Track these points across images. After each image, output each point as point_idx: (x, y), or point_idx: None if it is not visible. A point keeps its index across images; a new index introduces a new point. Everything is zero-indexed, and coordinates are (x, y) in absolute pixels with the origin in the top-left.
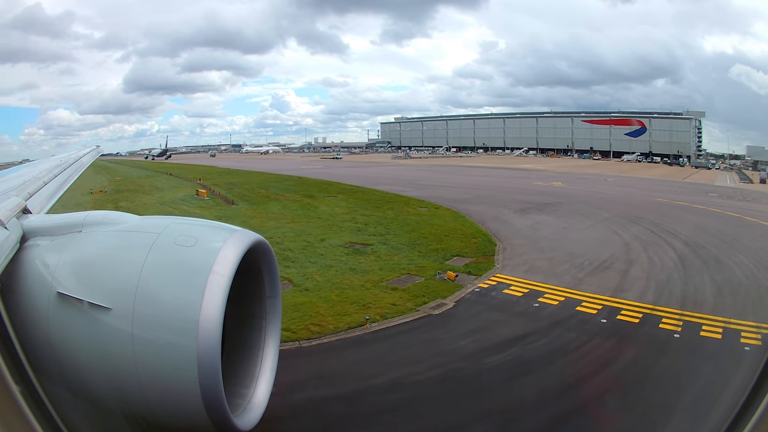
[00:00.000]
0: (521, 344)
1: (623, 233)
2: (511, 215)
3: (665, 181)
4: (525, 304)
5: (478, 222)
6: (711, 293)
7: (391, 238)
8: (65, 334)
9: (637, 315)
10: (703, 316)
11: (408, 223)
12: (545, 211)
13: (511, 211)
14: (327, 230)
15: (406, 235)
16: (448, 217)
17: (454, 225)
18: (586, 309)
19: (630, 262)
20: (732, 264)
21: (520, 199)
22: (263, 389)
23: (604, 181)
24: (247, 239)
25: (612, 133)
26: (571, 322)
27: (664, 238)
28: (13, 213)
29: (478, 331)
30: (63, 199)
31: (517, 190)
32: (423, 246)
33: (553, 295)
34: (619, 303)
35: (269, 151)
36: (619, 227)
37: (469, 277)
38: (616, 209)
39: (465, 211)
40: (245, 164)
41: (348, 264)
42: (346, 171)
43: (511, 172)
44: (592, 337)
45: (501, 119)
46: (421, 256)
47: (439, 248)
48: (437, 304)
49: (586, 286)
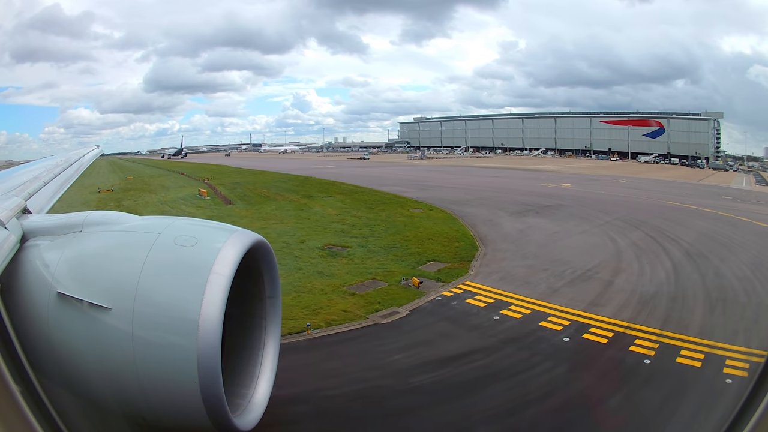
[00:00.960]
0: (458, 363)
1: (620, 239)
2: (505, 218)
3: (679, 183)
4: (484, 316)
5: (469, 225)
6: (701, 311)
7: (372, 241)
8: (65, 334)
9: (608, 334)
10: (686, 339)
11: (395, 225)
12: (543, 214)
13: (508, 213)
14: (311, 231)
15: (389, 237)
16: (439, 220)
17: (443, 228)
18: (550, 324)
19: (617, 272)
20: (733, 277)
21: (522, 201)
22: (263, 389)
23: (616, 182)
24: (247, 239)
25: (630, 133)
26: (528, 339)
27: (662, 245)
28: (13, 213)
29: (419, 345)
30: (69, 197)
31: (522, 191)
32: (401, 249)
33: (519, 307)
34: (592, 319)
35: (288, 150)
36: (617, 232)
37: (436, 284)
38: (620, 212)
39: (460, 213)
40: (259, 163)
41: (317, 267)
42: (355, 171)
43: (522, 173)
44: (545, 359)
45: (519, 119)
46: (395, 260)
47: (417, 252)
48: (390, 313)
49: (560, 297)
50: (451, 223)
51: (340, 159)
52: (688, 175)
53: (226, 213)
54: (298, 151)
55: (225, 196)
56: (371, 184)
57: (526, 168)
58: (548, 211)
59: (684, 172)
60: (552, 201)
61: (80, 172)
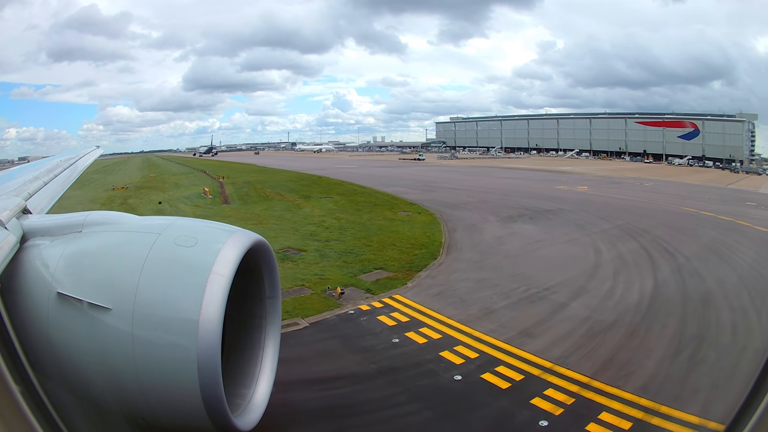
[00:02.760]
0: (314, 389)
1: (607, 251)
2: (493, 223)
3: (705, 187)
4: (384, 337)
5: (449, 230)
6: (660, 355)
7: (333, 245)
8: (65, 334)
9: (516, 377)
10: (617, 394)
11: (369, 229)
12: (536, 220)
13: (499, 218)
14: (281, 233)
15: (352, 242)
16: (420, 224)
17: (416, 233)
18: (452, 356)
19: (580, 292)
20: (724, 307)
21: (522, 205)
22: (263, 389)
23: (638, 186)
24: (247, 239)
25: (665, 135)
26: (410, 371)
27: (653, 260)
28: (13, 213)
29: (293, 362)
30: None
31: (529, 194)
32: (355, 255)
33: (432, 329)
34: (509, 353)
35: (323, 149)
36: (607, 242)
37: (362, 295)
38: (624, 219)
39: (448, 217)
40: (284, 162)
41: None
42: (370, 171)
43: (543, 175)
44: (412, 400)
45: (554, 120)
46: (340, 267)
47: (370, 259)
48: (290, 323)
49: (488, 322)
50: (429, 228)
51: (383, 159)
52: (718, 179)
53: (216, 212)
54: (333, 150)
55: (225, 196)
56: (379, 184)
57: (552, 169)
58: (544, 216)
59: (715, 175)
60: (555, 205)
61: (80, 172)
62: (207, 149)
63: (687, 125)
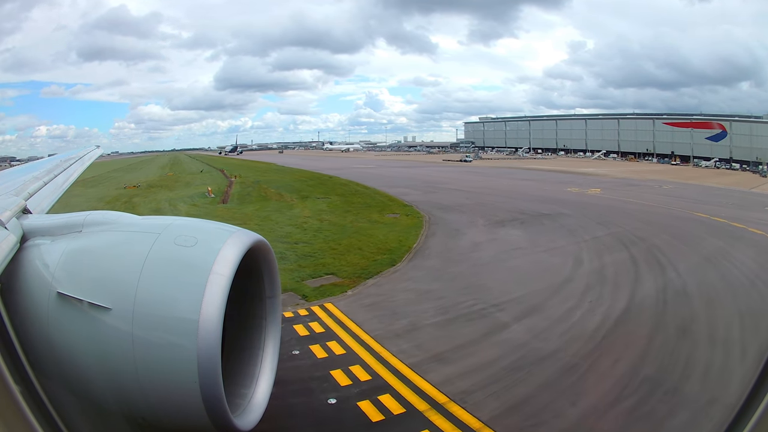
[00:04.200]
0: None
1: (589, 262)
2: (478, 228)
3: (727, 191)
4: (286, 348)
5: (427, 235)
6: (590, 402)
7: (298, 248)
8: (65, 334)
9: (397, 409)
10: None
11: (345, 232)
12: (528, 225)
13: (488, 222)
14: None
15: (321, 244)
16: (402, 228)
17: (391, 237)
18: (341, 376)
19: (532, 311)
20: (703, 339)
21: (519, 208)
22: (263, 389)
23: (656, 189)
24: (247, 239)
25: (693, 136)
26: (292, 386)
27: (639, 275)
28: (13, 213)
29: None
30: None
31: (534, 197)
32: (315, 259)
33: (341, 343)
34: (405, 379)
35: (350, 149)
36: (594, 252)
37: (295, 301)
38: (623, 226)
39: (436, 220)
40: (306, 162)
41: None
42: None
43: (559, 176)
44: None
45: (582, 120)
46: (292, 271)
47: (327, 263)
48: None
49: (405, 341)
50: (408, 233)
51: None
52: (743, 182)
53: (209, 212)
54: (362, 150)
55: (226, 196)
56: (386, 185)
57: (573, 171)
58: (537, 221)
59: (740, 178)
60: (555, 209)
61: (80, 172)
62: (232, 148)
63: (714, 126)
